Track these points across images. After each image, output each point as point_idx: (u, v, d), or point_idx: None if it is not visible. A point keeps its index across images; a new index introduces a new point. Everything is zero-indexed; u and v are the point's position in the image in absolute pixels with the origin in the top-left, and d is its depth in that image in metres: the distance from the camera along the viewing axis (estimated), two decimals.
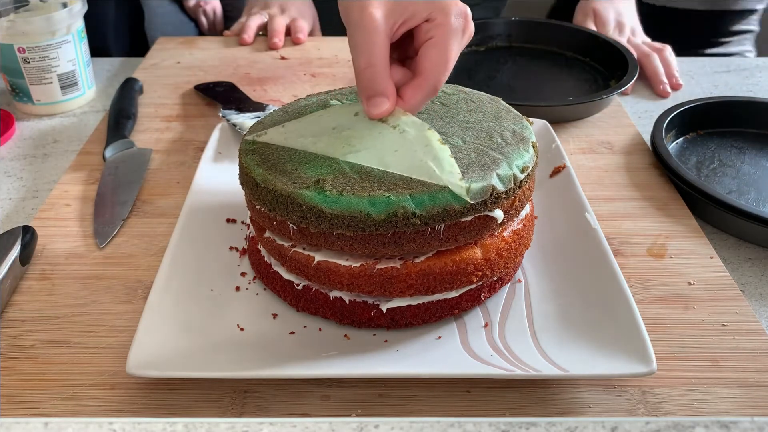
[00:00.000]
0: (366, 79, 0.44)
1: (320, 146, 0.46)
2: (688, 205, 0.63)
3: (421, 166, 0.43)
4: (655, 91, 0.87)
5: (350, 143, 0.45)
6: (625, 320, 0.45)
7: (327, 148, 0.45)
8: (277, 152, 0.47)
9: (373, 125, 0.46)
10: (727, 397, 0.44)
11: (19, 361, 0.47)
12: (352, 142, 0.45)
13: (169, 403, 0.44)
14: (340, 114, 0.49)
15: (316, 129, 0.48)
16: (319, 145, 0.46)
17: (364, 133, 0.46)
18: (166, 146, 0.73)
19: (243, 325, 0.48)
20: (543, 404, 0.44)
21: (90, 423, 0.29)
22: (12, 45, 0.74)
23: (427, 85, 0.45)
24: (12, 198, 0.65)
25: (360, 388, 0.45)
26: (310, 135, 0.47)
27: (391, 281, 0.45)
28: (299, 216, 0.43)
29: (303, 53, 0.97)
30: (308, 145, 0.46)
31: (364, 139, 0.45)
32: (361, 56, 0.44)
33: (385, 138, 0.45)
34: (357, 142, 0.45)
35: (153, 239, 0.59)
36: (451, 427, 0.29)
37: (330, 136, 0.46)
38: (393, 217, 0.42)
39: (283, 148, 0.47)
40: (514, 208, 0.47)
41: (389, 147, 0.44)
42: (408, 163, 0.43)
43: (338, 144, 0.45)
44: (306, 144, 0.46)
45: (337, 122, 0.48)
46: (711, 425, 0.29)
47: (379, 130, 0.45)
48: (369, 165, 0.44)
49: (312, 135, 0.47)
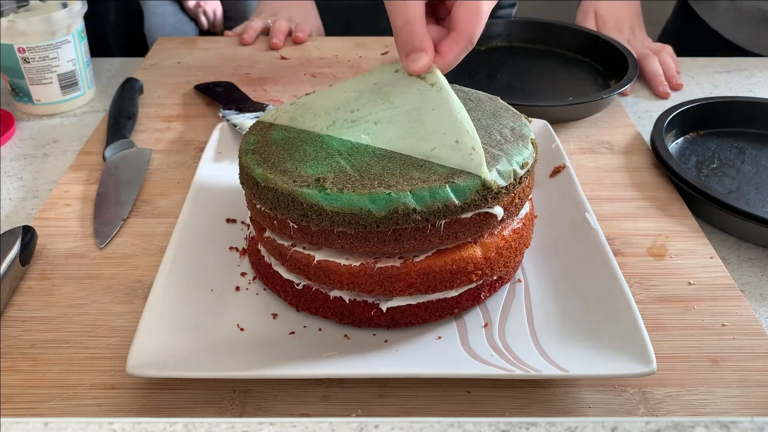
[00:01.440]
0: (404, 36, 0.46)
1: (362, 102, 0.48)
2: (688, 205, 0.63)
3: (456, 125, 0.44)
4: (655, 92, 0.87)
5: (389, 99, 0.47)
6: (625, 320, 0.45)
7: (368, 104, 0.47)
8: (277, 152, 0.47)
9: (412, 82, 0.47)
10: (727, 397, 0.44)
11: (19, 361, 0.47)
12: (392, 99, 0.47)
13: (169, 403, 0.44)
14: (382, 72, 0.50)
15: (359, 86, 0.49)
16: (361, 101, 0.48)
17: (404, 90, 0.47)
18: (166, 146, 0.73)
19: (243, 325, 0.48)
20: (543, 404, 0.44)
21: (90, 423, 0.29)
22: (12, 45, 0.74)
23: (463, 39, 0.46)
24: (12, 198, 0.65)
25: (360, 388, 0.45)
26: (353, 91, 0.49)
27: (391, 280, 0.45)
28: (300, 214, 0.43)
29: (303, 53, 0.97)
30: (349, 102, 0.48)
31: (403, 95, 0.47)
32: (399, 15, 0.46)
33: (423, 95, 0.46)
34: (396, 98, 0.47)
35: (153, 239, 0.59)
36: (451, 427, 0.29)
37: (371, 91, 0.48)
38: (394, 214, 0.42)
39: (283, 148, 0.47)
40: (513, 205, 0.47)
41: (427, 104, 0.46)
42: (445, 121, 0.45)
43: (379, 100, 0.47)
44: (346, 101, 0.48)
45: (378, 79, 0.49)
46: (711, 425, 0.29)
47: (418, 87, 0.47)
48: (407, 121, 0.45)
49: (355, 91, 0.49)
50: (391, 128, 0.46)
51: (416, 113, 0.46)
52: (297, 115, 0.50)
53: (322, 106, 0.50)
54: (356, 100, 0.48)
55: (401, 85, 0.48)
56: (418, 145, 0.45)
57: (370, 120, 0.47)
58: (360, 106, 0.48)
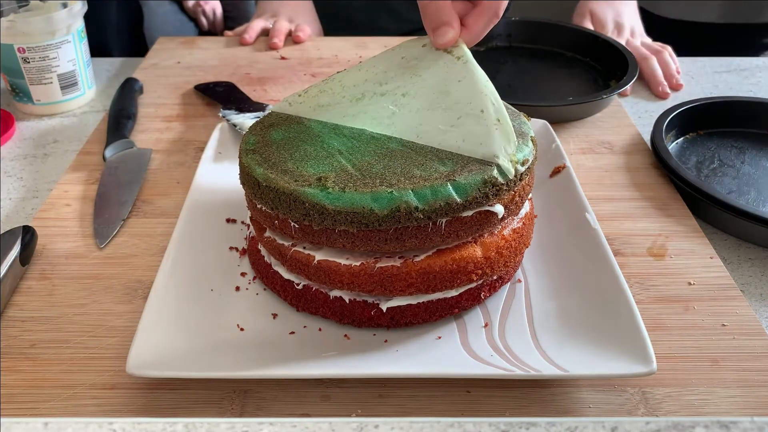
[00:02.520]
0: (431, 11, 0.47)
1: (390, 75, 0.49)
2: (688, 205, 0.63)
3: (482, 96, 0.45)
4: (654, 92, 0.87)
5: (417, 72, 0.48)
6: (625, 320, 0.45)
7: (396, 77, 0.49)
8: (277, 151, 0.47)
9: (439, 56, 0.48)
10: (727, 397, 0.44)
11: (19, 361, 0.47)
12: (419, 72, 0.48)
13: (169, 403, 0.44)
14: (409, 46, 0.51)
15: (387, 61, 0.51)
16: (389, 74, 0.49)
17: (431, 63, 0.49)
18: (166, 146, 0.73)
19: (243, 325, 0.48)
20: (543, 404, 0.44)
21: (90, 423, 0.29)
22: (12, 45, 0.74)
23: (488, 11, 0.47)
24: (12, 198, 0.65)
25: (360, 388, 0.45)
26: (382, 65, 0.50)
27: (392, 280, 0.45)
28: (302, 213, 0.43)
29: (303, 53, 0.97)
30: (377, 75, 0.50)
31: (430, 68, 0.48)
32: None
33: (449, 68, 0.47)
34: (423, 72, 0.48)
35: (153, 239, 0.59)
36: (451, 427, 0.29)
37: (399, 65, 0.50)
38: (396, 213, 0.42)
39: (284, 147, 0.47)
40: (514, 203, 0.47)
41: (454, 76, 0.47)
42: (471, 92, 0.46)
43: (407, 74, 0.49)
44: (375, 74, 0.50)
45: (406, 53, 0.51)
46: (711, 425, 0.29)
47: (444, 60, 0.48)
48: (434, 93, 0.47)
49: (384, 65, 0.50)
50: (418, 99, 0.48)
51: (443, 85, 0.47)
52: (326, 88, 0.51)
53: (351, 80, 0.51)
54: (384, 73, 0.50)
55: (428, 59, 0.49)
56: (444, 115, 0.46)
57: (398, 92, 0.49)
58: (388, 79, 0.49)
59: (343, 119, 0.50)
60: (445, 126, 0.46)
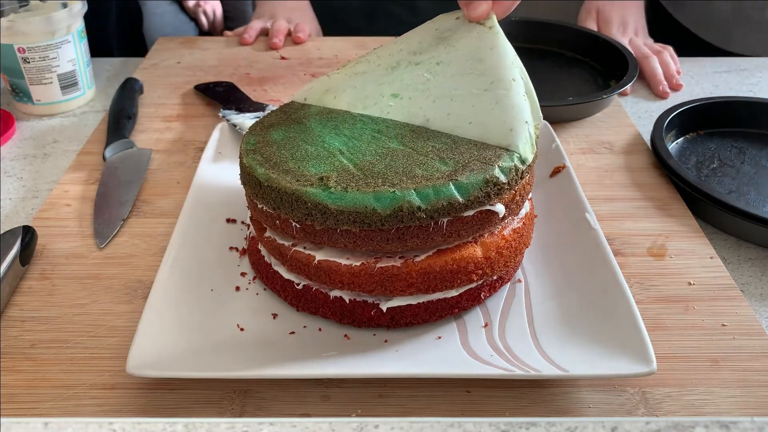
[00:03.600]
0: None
1: (424, 46, 0.52)
2: (688, 205, 0.63)
3: (512, 67, 0.48)
4: (655, 92, 0.87)
5: (450, 43, 0.51)
6: (625, 320, 0.45)
7: (430, 47, 0.51)
8: (278, 151, 0.47)
9: (472, 27, 0.50)
10: (727, 397, 0.44)
11: (19, 361, 0.47)
12: (452, 42, 0.51)
13: (169, 403, 0.44)
14: (443, 19, 0.53)
15: (422, 34, 0.53)
16: (424, 45, 0.52)
17: (464, 34, 0.51)
18: (166, 146, 0.73)
19: (243, 325, 0.48)
20: (543, 404, 0.44)
21: (90, 423, 0.29)
22: (12, 45, 0.74)
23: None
24: (12, 198, 0.65)
25: (360, 388, 0.45)
26: (417, 37, 0.53)
27: (392, 280, 0.45)
28: (304, 213, 0.43)
29: (303, 53, 0.97)
30: (412, 45, 0.52)
31: (463, 39, 0.50)
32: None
33: (482, 37, 0.50)
34: (456, 42, 0.50)
35: (153, 239, 0.59)
36: (451, 427, 0.29)
37: (433, 36, 0.52)
38: (399, 212, 0.42)
39: (284, 147, 0.47)
40: (514, 202, 0.47)
41: (486, 44, 0.49)
42: (502, 60, 0.48)
43: (441, 44, 0.51)
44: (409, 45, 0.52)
45: (439, 26, 0.53)
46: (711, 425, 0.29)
47: (477, 31, 0.50)
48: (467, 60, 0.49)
49: (419, 37, 0.53)
50: (452, 67, 0.50)
51: (476, 52, 0.49)
52: (362, 60, 0.54)
53: (387, 51, 0.53)
54: (419, 44, 0.52)
55: (461, 30, 0.51)
56: (478, 80, 0.48)
57: (433, 61, 0.51)
58: (422, 50, 0.52)
59: (379, 86, 0.51)
60: (478, 90, 0.48)
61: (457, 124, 0.48)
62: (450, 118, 0.48)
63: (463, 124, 0.47)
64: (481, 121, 0.47)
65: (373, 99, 0.51)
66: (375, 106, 0.51)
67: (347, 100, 0.52)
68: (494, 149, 0.45)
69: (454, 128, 0.48)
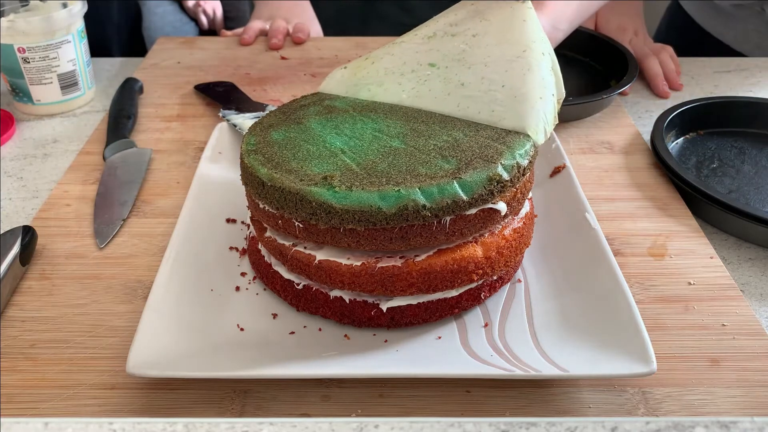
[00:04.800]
0: None
1: (460, 17, 0.55)
2: (688, 205, 0.63)
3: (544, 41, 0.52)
4: (655, 92, 0.87)
5: (485, 17, 0.54)
6: (625, 320, 0.45)
7: (465, 21, 0.55)
8: (279, 151, 0.47)
9: (506, 3, 0.54)
10: (727, 397, 0.44)
11: (19, 361, 0.47)
12: (487, 16, 0.54)
13: (169, 403, 0.44)
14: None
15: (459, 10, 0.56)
16: (459, 17, 0.55)
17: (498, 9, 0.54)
18: (166, 146, 0.73)
19: (243, 325, 0.48)
20: (543, 404, 0.44)
21: (90, 423, 0.29)
22: (12, 45, 0.74)
23: None
24: (12, 198, 0.65)
25: (360, 388, 0.45)
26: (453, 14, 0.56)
27: (393, 279, 0.45)
28: (308, 213, 0.43)
29: (303, 53, 0.97)
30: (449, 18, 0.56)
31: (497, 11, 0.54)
32: None
33: (515, 10, 0.54)
34: (491, 15, 0.54)
35: (153, 239, 0.59)
36: (451, 427, 0.29)
37: (469, 11, 0.56)
38: (404, 211, 0.42)
39: (286, 147, 0.47)
40: (516, 200, 0.47)
41: (519, 16, 0.53)
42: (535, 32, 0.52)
43: (476, 18, 0.55)
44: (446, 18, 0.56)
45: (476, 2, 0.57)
46: (711, 425, 0.29)
47: (511, 6, 0.54)
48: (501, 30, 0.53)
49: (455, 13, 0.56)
50: (487, 38, 0.53)
51: (509, 23, 0.53)
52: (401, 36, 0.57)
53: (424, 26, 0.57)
54: (455, 16, 0.56)
55: (496, 5, 0.55)
56: (512, 48, 0.52)
57: (468, 33, 0.54)
58: (458, 22, 0.55)
59: (416, 54, 0.55)
60: (512, 57, 0.51)
61: (491, 88, 0.50)
62: (483, 82, 0.51)
63: (497, 87, 0.50)
64: (513, 84, 0.50)
65: (410, 66, 0.54)
66: (412, 74, 0.54)
67: (385, 66, 0.55)
68: (495, 147, 0.46)
69: (487, 91, 0.50)
